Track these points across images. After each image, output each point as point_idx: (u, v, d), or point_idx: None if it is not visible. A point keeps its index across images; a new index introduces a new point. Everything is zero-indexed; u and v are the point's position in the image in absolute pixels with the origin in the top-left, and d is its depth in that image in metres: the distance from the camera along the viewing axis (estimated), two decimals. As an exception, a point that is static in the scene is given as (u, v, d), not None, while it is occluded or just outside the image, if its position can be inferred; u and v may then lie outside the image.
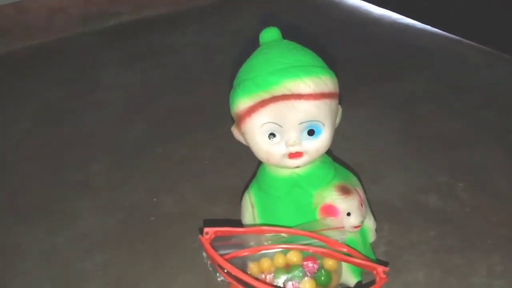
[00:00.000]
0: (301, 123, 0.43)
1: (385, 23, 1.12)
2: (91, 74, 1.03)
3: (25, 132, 0.84)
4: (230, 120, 0.45)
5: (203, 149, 0.74)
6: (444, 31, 1.04)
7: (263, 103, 0.42)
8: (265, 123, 0.43)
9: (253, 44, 0.47)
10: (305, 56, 0.44)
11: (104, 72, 1.03)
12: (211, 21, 1.23)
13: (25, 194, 0.69)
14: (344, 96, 0.47)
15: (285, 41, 0.46)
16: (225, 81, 0.93)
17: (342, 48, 0.99)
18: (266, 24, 0.47)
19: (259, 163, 0.50)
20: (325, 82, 0.43)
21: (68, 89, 0.97)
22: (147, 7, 1.29)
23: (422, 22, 1.09)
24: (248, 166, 0.67)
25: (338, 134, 0.48)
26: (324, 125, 0.43)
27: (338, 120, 0.47)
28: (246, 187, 0.56)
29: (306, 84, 0.42)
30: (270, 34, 0.46)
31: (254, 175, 0.53)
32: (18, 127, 0.86)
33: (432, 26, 1.07)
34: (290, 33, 0.50)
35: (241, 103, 0.44)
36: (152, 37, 1.18)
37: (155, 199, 0.64)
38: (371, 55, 0.98)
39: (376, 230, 0.53)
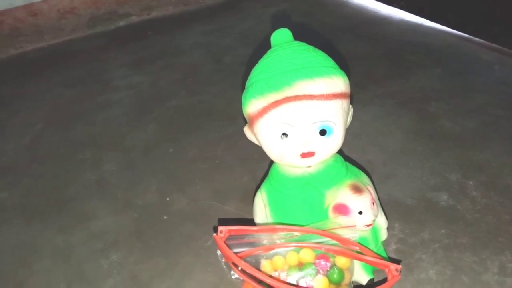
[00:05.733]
0: (313, 123, 0.43)
1: (393, 22, 1.12)
2: (101, 75, 1.04)
3: (37, 133, 0.85)
4: (240, 120, 0.45)
5: (214, 148, 0.75)
6: (453, 29, 1.04)
7: (275, 104, 0.43)
8: (278, 123, 0.44)
9: (261, 45, 0.48)
10: (317, 57, 0.44)
11: (113, 73, 1.04)
12: (219, 22, 1.24)
13: (38, 194, 0.70)
14: (354, 95, 0.47)
15: (297, 42, 0.46)
16: (234, 81, 0.94)
17: (351, 47, 0.99)
18: (274, 24, 0.48)
19: (271, 162, 0.51)
20: (337, 82, 0.43)
21: (79, 89, 0.99)
22: (156, 8, 1.30)
23: (431, 20, 1.09)
24: (258, 166, 0.68)
25: (348, 132, 0.48)
26: (336, 125, 0.44)
27: (349, 120, 0.47)
28: (257, 186, 0.57)
29: (318, 84, 0.42)
30: (281, 36, 0.47)
31: (265, 175, 0.54)
32: (30, 128, 0.87)
33: (440, 24, 1.07)
34: (299, 33, 0.50)
35: (253, 103, 0.44)
36: (161, 38, 1.19)
37: (168, 198, 0.65)
38: (380, 53, 0.98)
39: (388, 229, 0.53)
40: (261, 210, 0.51)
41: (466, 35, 1.01)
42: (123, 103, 0.92)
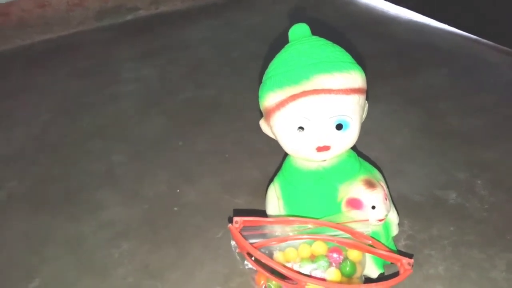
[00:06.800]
0: (330, 117, 0.44)
1: (402, 21, 1.13)
2: (109, 68, 1.04)
3: (45, 123, 0.85)
4: (248, 114, 0.45)
5: (223, 142, 0.75)
6: (461, 30, 1.05)
7: (293, 97, 0.43)
8: (294, 116, 0.44)
9: (269, 40, 0.48)
10: (335, 52, 0.45)
11: (121, 66, 1.04)
12: (227, 17, 1.24)
13: (48, 183, 0.70)
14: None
15: (315, 37, 0.47)
16: (242, 76, 0.94)
17: (359, 45, 0.99)
18: (282, 20, 0.48)
19: (285, 155, 0.51)
20: (355, 77, 0.44)
21: (87, 82, 0.99)
22: (164, 2, 1.30)
23: (439, 21, 1.10)
24: (268, 160, 0.68)
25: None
26: (352, 119, 0.44)
27: (364, 115, 0.47)
28: (267, 180, 0.58)
29: (336, 79, 0.43)
30: (299, 30, 0.47)
31: (275, 169, 0.54)
32: (39, 118, 0.87)
33: (449, 25, 1.08)
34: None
35: (271, 96, 0.45)
36: (168, 32, 1.19)
37: (178, 190, 0.65)
38: (388, 52, 0.98)
39: (398, 225, 0.54)
40: (274, 203, 0.51)
41: (474, 36, 1.02)
42: (131, 95, 0.92)
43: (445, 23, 1.08)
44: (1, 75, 1.06)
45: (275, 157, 0.66)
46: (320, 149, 0.45)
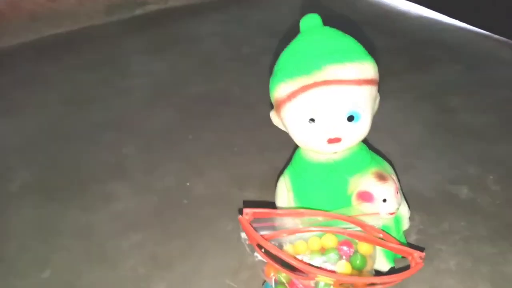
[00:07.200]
0: (341, 109, 0.43)
1: (412, 17, 1.12)
2: (118, 62, 1.05)
3: (56, 114, 0.86)
4: (257, 108, 0.45)
5: (232, 136, 0.75)
6: (472, 25, 1.03)
7: (304, 88, 0.43)
8: (305, 108, 0.44)
9: (278, 35, 0.47)
10: (347, 42, 0.44)
11: (131, 59, 1.04)
12: (236, 11, 1.24)
13: (58, 173, 0.70)
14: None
15: (326, 27, 0.46)
16: (251, 70, 0.94)
17: (369, 40, 0.98)
18: (291, 14, 0.48)
19: (295, 148, 0.51)
20: (367, 68, 0.43)
21: (97, 75, 0.99)
22: (173, -4, 1.30)
23: (449, 17, 1.09)
24: (277, 154, 0.68)
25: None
26: (364, 111, 0.44)
27: (376, 107, 0.47)
28: (276, 174, 0.57)
29: (348, 69, 0.42)
30: (311, 21, 0.47)
31: (286, 162, 0.54)
32: (49, 108, 0.87)
33: (459, 20, 1.06)
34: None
35: (282, 87, 0.44)
36: (177, 26, 1.19)
37: (188, 183, 0.66)
38: (398, 48, 0.97)
39: (409, 219, 0.53)
40: (284, 195, 0.51)
41: (486, 32, 1.00)
42: (141, 89, 0.92)
43: (456, 18, 1.07)
44: (12, 67, 1.06)
45: (284, 151, 0.65)
46: (331, 141, 0.44)
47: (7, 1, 1.14)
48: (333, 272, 0.43)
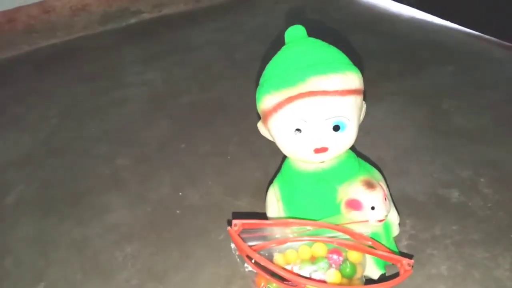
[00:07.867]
0: (327, 118, 0.44)
1: (404, 19, 1.12)
2: (113, 71, 1.05)
3: (52, 127, 0.87)
4: (252, 115, 0.46)
5: (226, 144, 0.76)
6: (464, 26, 1.03)
7: (289, 100, 0.44)
8: (291, 118, 0.44)
9: (273, 41, 0.48)
10: (331, 53, 0.45)
11: (126, 69, 1.05)
12: (230, 19, 1.24)
13: (53, 187, 0.71)
14: (365, 91, 0.48)
15: (311, 38, 0.47)
16: (246, 78, 0.94)
17: (362, 43, 0.99)
18: (285, 21, 0.49)
19: (284, 157, 0.51)
20: (351, 78, 0.44)
21: (92, 85, 1.00)
22: (167, 5, 1.31)
23: (441, 18, 1.09)
24: (271, 161, 0.69)
25: (360, 129, 0.48)
26: (349, 120, 0.44)
27: (362, 116, 0.47)
28: (269, 182, 0.58)
29: (332, 80, 0.43)
30: (295, 32, 0.47)
31: (277, 170, 0.54)
32: (46, 122, 0.88)
33: (451, 22, 1.07)
34: (310, 29, 0.51)
35: (267, 99, 0.45)
36: (172, 35, 1.20)
37: (180, 193, 0.66)
38: (391, 51, 0.98)
39: (399, 224, 0.54)
40: (274, 205, 0.51)
41: (478, 33, 1.00)
42: (136, 99, 0.93)
43: (447, 19, 1.07)
44: (8, 80, 1.07)
45: (278, 159, 0.66)
46: (317, 150, 0.45)
47: (2, 14, 1.16)
48: (322, 281, 0.43)
